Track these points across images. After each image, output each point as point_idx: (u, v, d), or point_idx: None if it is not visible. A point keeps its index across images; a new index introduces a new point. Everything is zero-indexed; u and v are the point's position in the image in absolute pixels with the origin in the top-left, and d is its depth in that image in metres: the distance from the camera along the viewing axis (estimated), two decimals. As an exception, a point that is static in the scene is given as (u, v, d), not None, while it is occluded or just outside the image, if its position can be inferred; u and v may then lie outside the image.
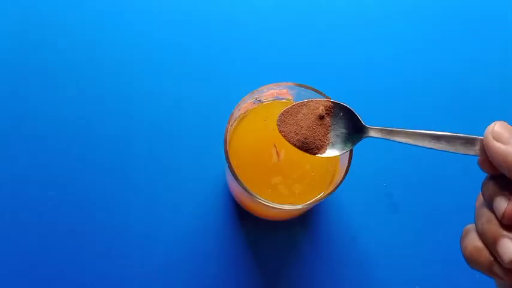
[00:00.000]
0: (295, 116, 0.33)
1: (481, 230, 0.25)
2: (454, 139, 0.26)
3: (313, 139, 0.32)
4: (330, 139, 0.32)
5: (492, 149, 0.24)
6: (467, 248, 0.25)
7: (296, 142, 0.32)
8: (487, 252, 0.24)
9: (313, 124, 0.32)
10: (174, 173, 0.45)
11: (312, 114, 0.32)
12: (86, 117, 0.46)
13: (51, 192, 0.44)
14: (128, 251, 0.43)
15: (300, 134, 0.32)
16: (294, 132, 0.32)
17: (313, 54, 0.49)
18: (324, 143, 0.32)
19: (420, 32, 0.50)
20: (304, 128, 0.32)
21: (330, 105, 0.32)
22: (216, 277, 0.43)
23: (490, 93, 0.48)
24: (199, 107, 0.46)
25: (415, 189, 0.45)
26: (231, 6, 0.50)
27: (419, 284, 0.43)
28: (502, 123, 0.24)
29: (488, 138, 0.24)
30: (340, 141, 0.32)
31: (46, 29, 0.48)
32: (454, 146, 0.26)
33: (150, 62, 0.48)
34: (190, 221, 0.44)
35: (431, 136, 0.27)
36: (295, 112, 0.33)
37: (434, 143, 0.27)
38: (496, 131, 0.24)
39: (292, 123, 0.32)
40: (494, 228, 0.24)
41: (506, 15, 0.51)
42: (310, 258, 0.43)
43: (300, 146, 0.32)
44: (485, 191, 0.25)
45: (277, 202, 0.33)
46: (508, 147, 0.23)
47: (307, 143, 0.32)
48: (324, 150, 0.32)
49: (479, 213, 0.25)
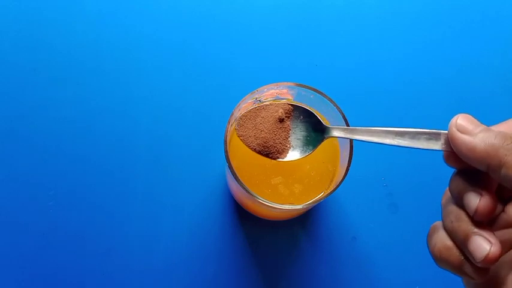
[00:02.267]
0: (254, 120, 0.32)
1: (450, 228, 0.24)
2: (418, 134, 0.26)
3: (273, 143, 0.31)
4: (290, 142, 0.31)
5: (458, 141, 0.23)
6: (435, 246, 0.25)
7: (256, 146, 0.31)
8: (457, 251, 0.24)
9: (273, 127, 0.31)
10: (174, 173, 0.45)
11: (271, 117, 0.31)
12: (86, 117, 0.46)
13: (51, 192, 0.44)
14: (128, 251, 0.43)
15: (260, 138, 0.31)
16: (254, 136, 0.32)
17: (313, 54, 0.49)
18: (285, 147, 0.31)
19: (420, 33, 0.50)
20: (263, 131, 0.31)
21: (289, 108, 0.31)
22: (216, 277, 0.43)
23: (490, 93, 0.48)
24: (199, 107, 0.46)
25: (415, 189, 0.45)
26: (231, 6, 0.50)
27: (419, 284, 0.43)
28: (465, 115, 0.24)
29: (452, 130, 0.24)
30: (301, 144, 0.31)
31: (46, 30, 0.48)
32: (418, 141, 0.26)
33: (150, 62, 0.48)
34: (191, 221, 0.44)
35: (395, 133, 0.26)
36: (254, 116, 0.32)
37: (399, 139, 0.26)
38: (459, 123, 0.23)
39: (251, 128, 0.32)
40: (465, 225, 0.23)
41: (506, 16, 0.51)
42: (310, 258, 0.43)
43: (260, 151, 0.31)
44: (454, 187, 0.24)
45: (277, 202, 0.33)
46: (473, 138, 0.22)
47: (267, 147, 0.31)
48: (285, 154, 0.31)
49: (447, 210, 0.24)
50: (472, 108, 0.48)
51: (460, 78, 0.49)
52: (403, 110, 0.48)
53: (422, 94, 0.48)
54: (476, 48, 0.50)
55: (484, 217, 0.22)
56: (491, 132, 0.22)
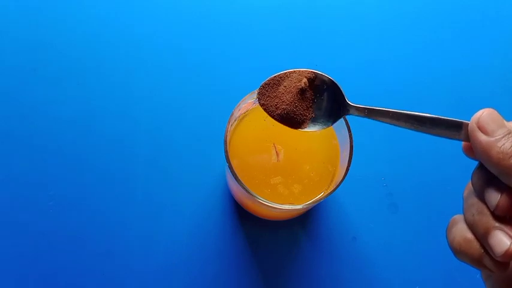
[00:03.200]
0: (277, 89, 0.31)
1: (471, 221, 0.24)
2: (439, 122, 0.25)
3: (294, 114, 0.31)
4: (311, 113, 0.31)
5: (475, 139, 0.23)
6: (455, 239, 0.25)
7: (277, 116, 0.31)
8: (477, 243, 0.23)
9: (295, 97, 0.30)
10: (174, 173, 0.45)
11: (293, 87, 0.31)
12: (86, 117, 0.46)
13: (51, 192, 0.44)
14: (128, 251, 0.43)
15: (281, 109, 0.31)
16: (275, 106, 0.31)
17: (313, 55, 0.49)
18: (306, 117, 0.31)
19: (420, 33, 0.50)
20: (285, 101, 0.31)
21: (313, 76, 0.30)
22: (216, 277, 0.43)
23: (490, 93, 0.48)
24: (199, 107, 0.46)
25: (415, 189, 0.45)
26: (231, 6, 0.50)
27: (419, 284, 0.43)
28: (490, 111, 0.23)
29: (472, 126, 0.23)
30: (322, 116, 0.31)
31: (46, 30, 0.48)
32: (438, 129, 0.25)
33: (150, 63, 0.48)
34: (191, 221, 0.44)
35: (416, 118, 0.26)
36: (276, 84, 0.31)
37: (418, 125, 0.26)
38: (482, 120, 0.23)
39: (273, 96, 0.31)
40: (486, 219, 0.23)
41: (506, 16, 0.51)
42: (310, 258, 0.43)
43: (281, 120, 0.31)
44: (476, 181, 0.24)
45: (277, 202, 0.33)
46: (490, 140, 0.22)
47: (288, 117, 0.31)
48: (305, 125, 0.31)
49: (469, 203, 0.24)
50: (472, 108, 0.47)
51: (460, 78, 0.49)
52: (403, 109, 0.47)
53: (422, 94, 0.48)
54: (477, 48, 0.50)
55: (505, 213, 0.22)
56: (510, 140, 0.22)
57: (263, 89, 0.32)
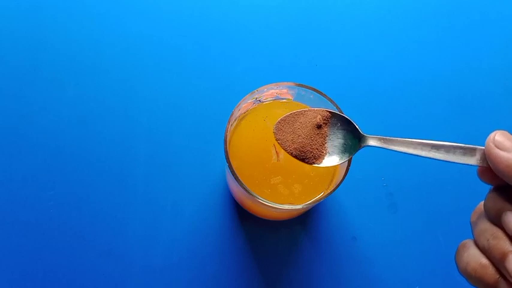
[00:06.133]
0: (293, 125, 0.32)
1: (486, 246, 0.24)
2: (453, 149, 0.26)
3: (310, 148, 0.32)
4: (327, 149, 0.32)
5: (495, 157, 0.23)
6: (469, 265, 0.24)
7: (293, 151, 0.32)
8: (492, 269, 0.23)
9: (310, 133, 0.32)
10: (174, 173, 0.45)
11: (309, 123, 0.32)
12: (86, 117, 0.46)
13: (51, 192, 0.44)
14: (128, 251, 0.43)
15: (297, 143, 0.32)
16: (291, 140, 0.32)
17: (313, 54, 0.49)
18: (322, 153, 0.32)
19: (420, 33, 0.50)
20: (301, 136, 0.32)
21: (327, 115, 0.32)
22: (216, 277, 0.43)
23: (490, 93, 0.48)
24: (199, 107, 0.46)
25: (415, 189, 0.45)
26: (231, 6, 0.50)
27: (419, 284, 0.43)
28: (502, 132, 0.24)
29: (490, 146, 0.24)
30: (338, 151, 0.32)
31: (46, 30, 0.48)
32: (454, 155, 0.26)
33: (150, 62, 0.48)
34: (191, 221, 0.44)
35: (431, 146, 0.27)
36: (293, 121, 0.33)
37: (434, 152, 0.27)
38: (497, 139, 0.24)
39: (289, 132, 0.33)
40: (502, 243, 0.23)
41: (506, 16, 0.51)
42: (310, 258, 0.43)
43: (296, 155, 0.32)
44: (491, 205, 0.24)
45: (277, 202, 0.33)
46: (510, 155, 0.23)
47: (304, 151, 0.32)
48: (321, 160, 0.32)
49: (481, 228, 0.24)
50: (472, 108, 0.48)
51: (460, 78, 0.49)
52: (403, 109, 0.47)
53: (422, 94, 0.48)
54: (477, 48, 0.50)
55: None
56: None
57: (279, 124, 0.33)
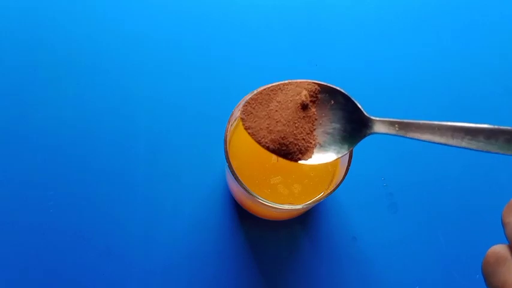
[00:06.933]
0: (267, 106, 0.22)
1: None
2: (496, 134, 0.19)
3: (293, 138, 0.22)
4: (317, 138, 0.22)
5: None
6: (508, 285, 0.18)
7: (269, 143, 0.22)
8: None
9: (293, 117, 0.21)
10: (174, 173, 0.45)
11: (291, 102, 0.21)
12: (86, 116, 0.46)
13: (51, 192, 0.44)
14: (128, 251, 0.43)
15: (275, 132, 0.22)
16: (267, 129, 0.22)
17: (313, 54, 0.49)
18: (310, 144, 0.22)
19: (420, 33, 0.50)
20: (280, 122, 0.22)
21: (316, 88, 0.21)
22: (216, 277, 0.43)
23: (490, 93, 0.48)
24: (199, 107, 0.46)
25: (415, 189, 0.45)
26: (231, 6, 0.50)
27: (419, 284, 0.43)
28: None
29: None
30: (333, 140, 0.22)
31: (46, 30, 0.48)
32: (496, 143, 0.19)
33: (150, 62, 0.48)
34: (190, 221, 0.44)
35: (465, 130, 0.19)
36: (267, 100, 0.22)
37: (469, 140, 0.19)
38: None
39: (263, 116, 0.22)
40: None
41: (506, 16, 0.51)
42: (310, 258, 0.43)
43: (275, 149, 0.22)
44: None
45: (277, 202, 0.33)
46: None
47: (285, 144, 0.22)
48: (309, 155, 0.22)
49: None
50: (472, 107, 0.48)
51: (460, 78, 0.49)
52: (403, 109, 0.47)
53: (422, 94, 0.48)
54: (477, 48, 0.50)
55: None
56: None
57: (249, 106, 0.23)
